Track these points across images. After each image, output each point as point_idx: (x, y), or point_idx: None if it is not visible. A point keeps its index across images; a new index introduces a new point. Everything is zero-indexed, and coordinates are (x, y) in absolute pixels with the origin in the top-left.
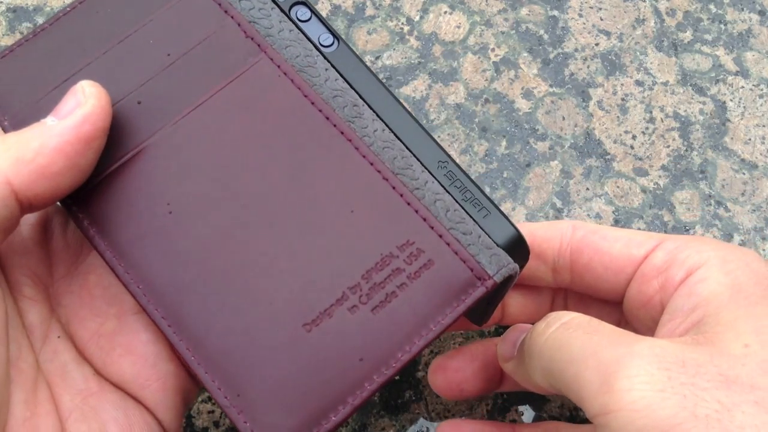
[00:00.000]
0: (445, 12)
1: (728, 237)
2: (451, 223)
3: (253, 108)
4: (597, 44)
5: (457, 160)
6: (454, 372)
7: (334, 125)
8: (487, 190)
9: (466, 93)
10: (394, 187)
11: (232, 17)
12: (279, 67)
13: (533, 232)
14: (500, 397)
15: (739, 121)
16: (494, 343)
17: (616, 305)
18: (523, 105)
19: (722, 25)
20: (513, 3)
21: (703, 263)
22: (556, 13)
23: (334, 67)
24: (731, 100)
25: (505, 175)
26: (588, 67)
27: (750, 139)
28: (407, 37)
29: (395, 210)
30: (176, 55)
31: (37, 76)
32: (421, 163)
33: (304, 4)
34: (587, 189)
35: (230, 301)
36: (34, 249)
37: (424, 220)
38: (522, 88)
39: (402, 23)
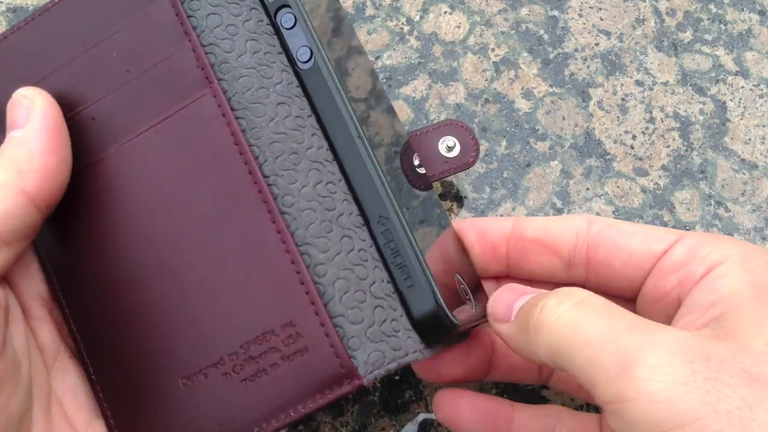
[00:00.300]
0: (445, 12)
1: None
2: (343, 308)
3: (186, 148)
4: (597, 44)
5: None
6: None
7: (255, 182)
8: (487, 190)
9: (466, 93)
10: (293, 262)
11: (189, 40)
12: (220, 106)
13: (547, 226)
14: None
15: (739, 121)
16: (484, 331)
17: (627, 301)
18: (523, 105)
19: (722, 25)
20: (513, 3)
21: (724, 260)
22: (556, 13)
23: (303, 86)
24: (731, 100)
25: (505, 175)
26: (588, 67)
27: (750, 139)
28: (407, 37)
29: (288, 287)
30: (134, 73)
31: (8, 80)
32: (363, 213)
33: (289, 8)
34: (587, 189)
35: (127, 341)
36: (36, 272)
37: (312, 303)
38: (522, 88)
39: (402, 23)
